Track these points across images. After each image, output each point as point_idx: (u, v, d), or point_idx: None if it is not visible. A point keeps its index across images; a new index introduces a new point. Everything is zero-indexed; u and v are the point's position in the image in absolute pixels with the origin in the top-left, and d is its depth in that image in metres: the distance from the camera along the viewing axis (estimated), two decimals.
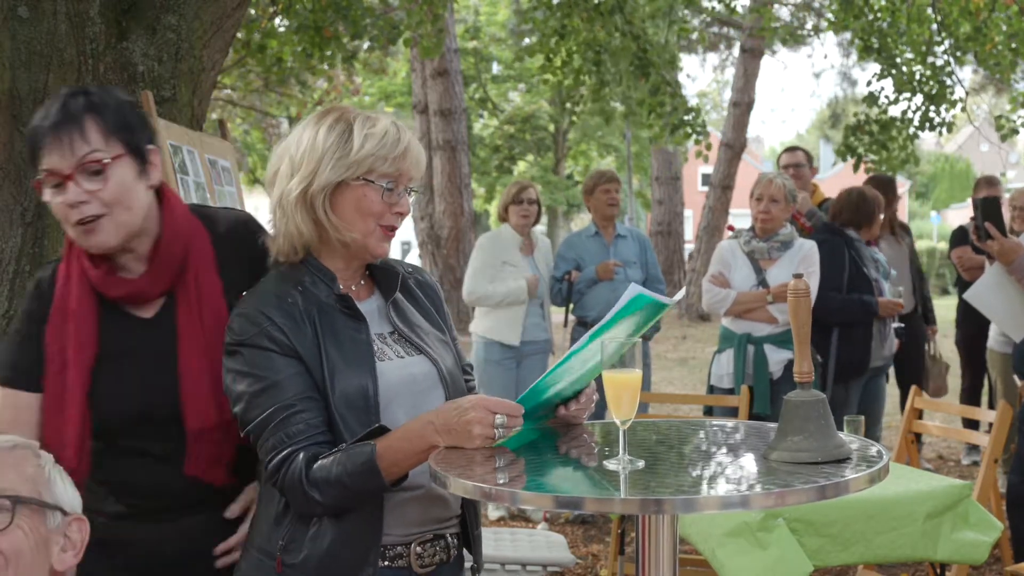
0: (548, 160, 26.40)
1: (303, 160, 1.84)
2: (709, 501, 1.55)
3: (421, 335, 1.95)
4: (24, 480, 1.63)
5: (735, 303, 4.74)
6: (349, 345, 1.83)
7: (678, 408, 6.68)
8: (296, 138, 1.88)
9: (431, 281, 2.08)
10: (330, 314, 1.85)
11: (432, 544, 1.88)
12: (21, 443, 1.70)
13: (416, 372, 1.89)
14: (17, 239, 3.50)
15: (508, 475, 1.68)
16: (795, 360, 1.78)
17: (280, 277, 1.89)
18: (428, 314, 2.01)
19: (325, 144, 1.83)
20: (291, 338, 1.80)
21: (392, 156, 1.84)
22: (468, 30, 23.33)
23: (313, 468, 1.74)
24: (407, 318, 1.96)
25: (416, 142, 1.90)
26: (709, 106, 37.16)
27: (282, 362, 1.79)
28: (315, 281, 1.87)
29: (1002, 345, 5.75)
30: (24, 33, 3.49)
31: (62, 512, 1.66)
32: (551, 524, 5.47)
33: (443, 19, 7.49)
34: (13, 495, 1.59)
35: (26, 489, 1.62)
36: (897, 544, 3.04)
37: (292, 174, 1.85)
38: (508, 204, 5.73)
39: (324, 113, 1.90)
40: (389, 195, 1.85)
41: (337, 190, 1.84)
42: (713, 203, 17.30)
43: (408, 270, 2.04)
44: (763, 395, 4.62)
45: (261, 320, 1.80)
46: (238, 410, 1.82)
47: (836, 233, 5.07)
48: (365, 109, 1.94)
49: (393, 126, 1.87)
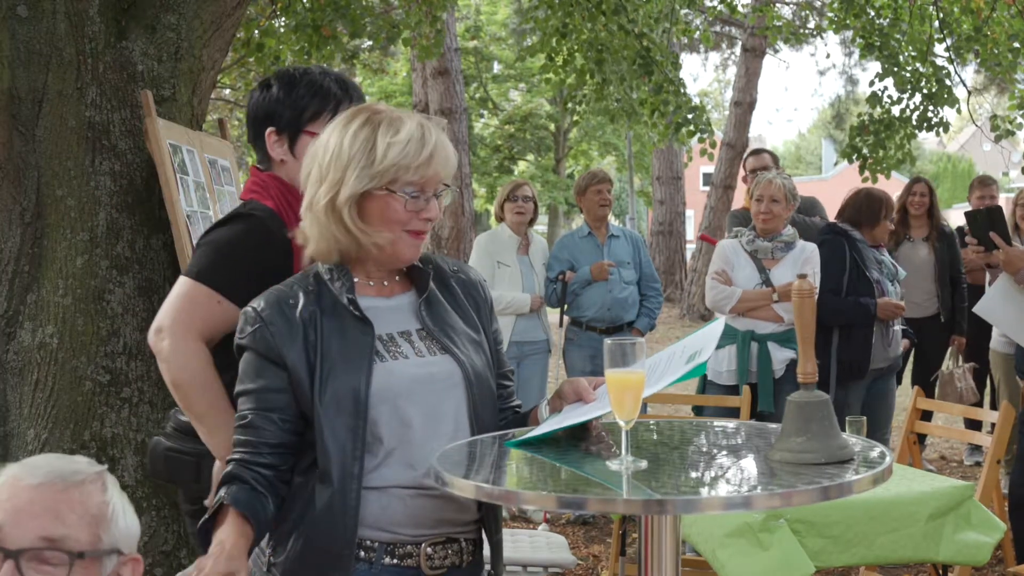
0: (548, 160, 26.41)
1: (329, 168, 1.85)
2: (712, 502, 1.55)
3: (451, 334, 1.93)
4: (86, 523, 1.56)
5: (740, 301, 4.72)
6: (353, 346, 1.84)
7: (679, 408, 6.67)
8: (324, 142, 1.89)
9: (477, 280, 2.06)
10: (341, 314, 1.85)
11: (444, 547, 1.87)
12: (90, 475, 1.61)
13: (436, 371, 1.88)
14: (17, 239, 3.49)
15: (510, 475, 1.68)
16: (799, 361, 1.77)
17: (296, 279, 1.92)
18: (465, 313, 1.99)
19: (350, 152, 1.84)
20: (279, 344, 1.82)
21: (415, 164, 1.83)
22: (468, 29, 23.33)
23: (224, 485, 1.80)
24: (439, 316, 1.94)
25: (445, 141, 1.88)
26: (711, 105, 37.17)
27: (263, 368, 1.84)
28: (336, 279, 1.88)
29: (1004, 346, 5.73)
30: (23, 32, 3.48)
31: (119, 553, 1.61)
32: (552, 525, 5.46)
33: (442, 20, 7.48)
34: (74, 551, 1.53)
35: (86, 534, 1.56)
36: (899, 545, 3.03)
37: (320, 180, 1.86)
38: (503, 201, 5.76)
39: (352, 115, 1.89)
40: (414, 203, 1.85)
41: (363, 199, 1.84)
42: (714, 203, 17.27)
43: (453, 268, 2.04)
44: (767, 393, 4.61)
45: (256, 321, 1.85)
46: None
47: (839, 233, 5.01)
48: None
49: (419, 129, 1.85)
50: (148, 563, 3.38)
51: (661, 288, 5.63)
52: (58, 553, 1.52)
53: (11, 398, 3.43)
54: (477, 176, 23.94)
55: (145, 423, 3.49)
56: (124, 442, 3.45)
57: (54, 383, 3.42)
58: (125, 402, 3.47)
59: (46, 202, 3.48)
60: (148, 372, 3.51)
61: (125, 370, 3.48)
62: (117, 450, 3.44)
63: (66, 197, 3.48)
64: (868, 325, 4.92)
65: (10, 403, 3.44)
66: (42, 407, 3.41)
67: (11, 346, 3.45)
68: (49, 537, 1.52)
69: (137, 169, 3.59)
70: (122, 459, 3.44)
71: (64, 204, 3.48)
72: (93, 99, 3.53)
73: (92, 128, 3.53)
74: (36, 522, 1.53)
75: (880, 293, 4.94)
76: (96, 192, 3.51)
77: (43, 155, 3.48)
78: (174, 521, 3.47)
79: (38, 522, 1.53)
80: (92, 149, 3.52)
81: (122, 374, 3.48)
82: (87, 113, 3.52)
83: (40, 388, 3.42)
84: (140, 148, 3.58)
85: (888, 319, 4.94)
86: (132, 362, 3.50)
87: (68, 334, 3.43)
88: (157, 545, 3.42)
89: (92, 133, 3.53)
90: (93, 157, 3.52)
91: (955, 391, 5.91)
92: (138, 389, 3.49)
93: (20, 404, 3.42)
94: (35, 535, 1.52)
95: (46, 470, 1.58)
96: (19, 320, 3.45)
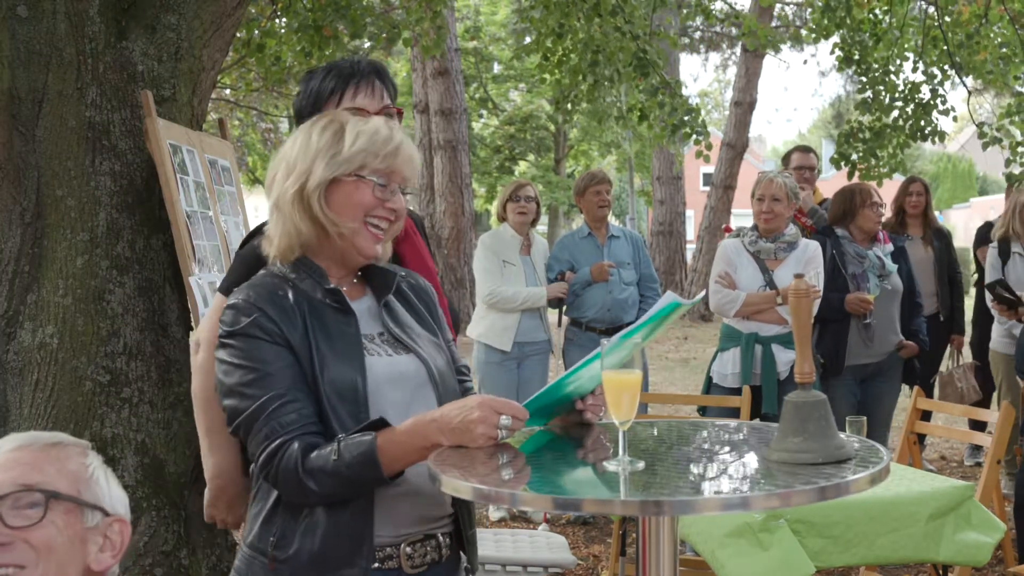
0: (548, 160, 26.42)
1: (297, 161, 1.89)
2: (709, 502, 1.55)
3: (412, 335, 1.96)
4: (63, 476, 1.62)
5: (744, 304, 4.72)
6: (339, 339, 1.84)
7: (679, 409, 6.67)
8: (291, 143, 1.93)
9: (425, 285, 2.10)
10: (320, 309, 1.86)
11: (423, 544, 1.87)
12: (68, 441, 1.68)
13: (404, 370, 1.90)
14: (17, 239, 3.49)
15: (508, 476, 1.68)
16: (796, 361, 1.77)
17: (270, 274, 1.91)
18: (420, 317, 2.03)
19: (319, 144, 1.88)
20: (282, 328, 1.81)
21: (384, 153, 1.87)
22: (468, 30, 23.33)
23: (310, 457, 1.74)
24: (398, 319, 1.97)
25: (409, 142, 1.92)
26: (711, 105, 37.16)
27: (274, 352, 1.80)
28: (305, 278, 1.89)
29: (1004, 346, 5.72)
30: (23, 32, 3.48)
31: (103, 512, 1.64)
32: (552, 525, 5.46)
33: (442, 16, 7.47)
34: (48, 489, 1.58)
35: (64, 485, 1.60)
36: (899, 545, 3.03)
37: (288, 175, 1.90)
38: (505, 201, 5.77)
39: (318, 118, 1.95)
40: (382, 191, 1.88)
41: (331, 187, 1.87)
42: (715, 203, 17.28)
43: (402, 273, 2.07)
44: (771, 395, 4.61)
45: (252, 311, 1.82)
46: (229, 404, 1.82)
47: (822, 232, 5.12)
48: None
49: (385, 126, 1.91)
50: (148, 563, 3.38)
51: (661, 289, 5.63)
52: (34, 493, 1.57)
53: (11, 398, 3.44)
54: (477, 176, 23.93)
55: (145, 423, 3.49)
56: (124, 442, 3.45)
57: (54, 383, 3.42)
58: (125, 402, 3.47)
59: (46, 202, 3.49)
60: (148, 372, 3.52)
61: (125, 370, 3.48)
62: (117, 450, 3.44)
63: (66, 197, 3.49)
64: (840, 320, 4.92)
65: (10, 403, 3.44)
66: (42, 407, 3.41)
67: (11, 346, 3.45)
68: (26, 483, 1.57)
69: (137, 169, 3.59)
70: (122, 459, 3.44)
71: (64, 204, 3.49)
72: (93, 99, 3.54)
73: (92, 128, 3.53)
74: (14, 472, 1.59)
75: (856, 288, 4.94)
76: (96, 192, 3.51)
77: (43, 155, 3.49)
78: (174, 521, 3.47)
79: (16, 472, 1.59)
80: (92, 149, 3.52)
81: (122, 374, 3.48)
82: (87, 113, 3.53)
83: (40, 388, 3.42)
84: (140, 148, 3.58)
85: (856, 313, 4.92)
86: (132, 362, 3.50)
87: (68, 334, 3.44)
88: (157, 545, 3.42)
89: (92, 133, 3.53)
90: (93, 157, 3.52)
91: (956, 391, 5.91)
92: (138, 389, 3.50)
93: (20, 404, 3.42)
94: (13, 483, 1.57)
95: (28, 437, 1.66)
96: (19, 320, 3.45)
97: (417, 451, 1.74)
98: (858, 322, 4.94)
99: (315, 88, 2.32)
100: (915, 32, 8.29)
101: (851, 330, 4.95)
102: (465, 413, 1.72)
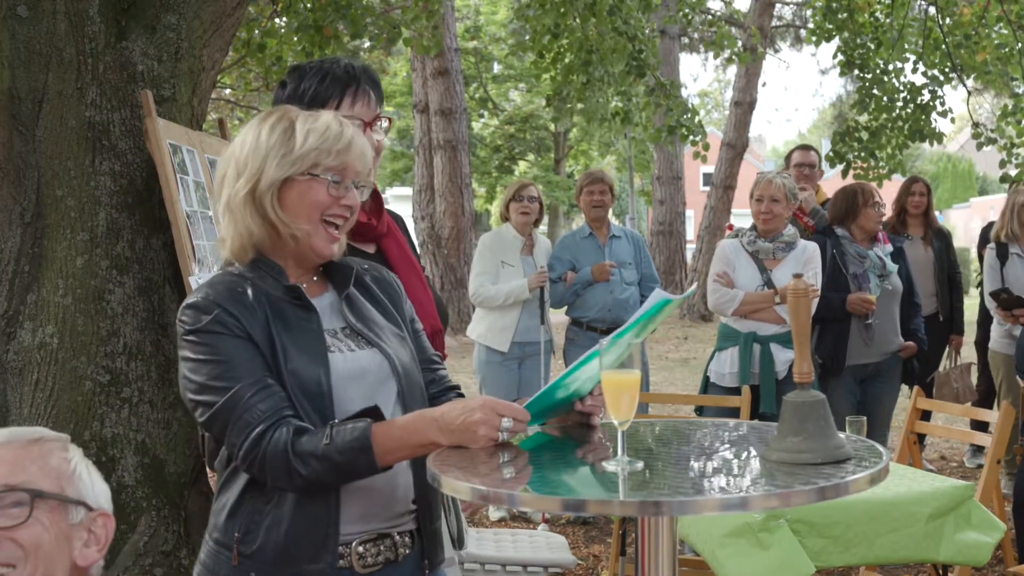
0: (548, 160, 26.42)
1: (247, 161, 1.85)
2: (708, 503, 1.54)
3: (375, 329, 1.93)
4: (46, 474, 1.62)
5: (743, 303, 4.72)
6: (300, 335, 1.82)
7: (679, 409, 6.66)
8: (240, 141, 1.89)
9: (389, 278, 2.07)
10: (280, 306, 1.83)
11: (375, 543, 1.84)
12: (49, 436, 1.68)
13: (367, 365, 1.87)
14: (16, 239, 3.49)
15: (508, 476, 1.68)
16: (795, 361, 1.77)
17: (228, 274, 1.89)
18: (384, 309, 2.00)
19: (269, 143, 1.84)
20: (244, 324, 1.78)
21: (336, 149, 1.84)
22: (468, 30, 23.34)
23: (300, 440, 1.71)
24: (361, 313, 1.94)
25: (360, 137, 1.90)
26: (711, 105, 37.14)
27: (239, 345, 1.77)
28: (263, 276, 1.86)
29: (1004, 346, 5.72)
30: (23, 32, 3.48)
31: (86, 507, 1.65)
32: (552, 525, 5.46)
33: (439, 14, 7.48)
34: (33, 489, 1.58)
35: (48, 483, 1.61)
36: (899, 545, 3.03)
37: (238, 176, 1.86)
38: (508, 201, 5.76)
39: (266, 114, 1.91)
40: (336, 188, 1.85)
41: (284, 187, 1.84)
42: (715, 203, 17.29)
43: (364, 267, 2.04)
44: (770, 394, 4.61)
45: (212, 308, 1.79)
46: (199, 399, 1.78)
47: (822, 232, 5.11)
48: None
49: (336, 121, 1.87)
50: (148, 563, 3.39)
51: (661, 289, 5.62)
52: (18, 493, 1.56)
53: (11, 398, 3.44)
54: (477, 176, 23.95)
55: (145, 423, 3.49)
56: (124, 442, 3.45)
57: (54, 383, 3.42)
58: (125, 402, 3.48)
59: (46, 202, 3.49)
60: (148, 372, 3.52)
61: (125, 370, 3.49)
62: (117, 450, 3.44)
63: (66, 197, 3.49)
64: (841, 320, 4.92)
65: (10, 403, 3.44)
66: (42, 407, 3.41)
67: (11, 346, 3.45)
68: (9, 484, 1.57)
69: (137, 169, 3.59)
70: (122, 459, 3.44)
71: (64, 204, 3.49)
72: (93, 99, 3.54)
73: (92, 128, 3.53)
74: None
75: (858, 288, 4.93)
76: (96, 192, 3.51)
77: (43, 155, 3.49)
78: (174, 521, 3.47)
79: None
80: (92, 149, 3.52)
81: (122, 374, 3.48)
82: (87, 113, 3.53)
83: (40, 388, 3.42)
84: (140, 148, 3.58)
85: (858, 313, 4.92)
86: (132, 362, 3.50)
87: (68, 334, 3.44)
88: (157, 545, 3.42)
89: (92, 133, 3.53)
90: (93, 157, 3.52)
91: (951, 391, 5.91)
92: (138, 389, 3.50)
93: (20, 404, 3.43)
94: None
95: (7, 434, 1.65)
96: (19, 320, 3.46)
97: (413, 447, 1.74)
98: (859, 322, 4.94)
99: (307, 89, 2.27)
100: (915, 33, 8.30)
101: (851, 330, 4.95)
102: (467, 414, 1.72)
